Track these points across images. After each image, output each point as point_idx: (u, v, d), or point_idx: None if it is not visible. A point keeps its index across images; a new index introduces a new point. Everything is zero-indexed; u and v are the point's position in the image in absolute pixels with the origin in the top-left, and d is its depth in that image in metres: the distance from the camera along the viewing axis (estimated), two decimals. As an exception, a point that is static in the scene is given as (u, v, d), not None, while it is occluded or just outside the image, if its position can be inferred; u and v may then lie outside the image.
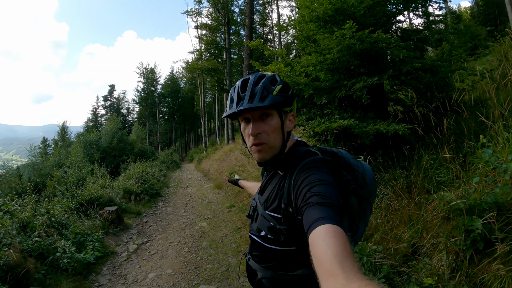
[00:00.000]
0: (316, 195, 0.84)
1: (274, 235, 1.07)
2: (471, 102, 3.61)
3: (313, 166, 0.98)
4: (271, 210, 1.09)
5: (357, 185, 1.10)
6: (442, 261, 2.33)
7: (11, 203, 4.83)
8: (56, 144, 28.42)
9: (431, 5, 4.78)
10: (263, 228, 1.11)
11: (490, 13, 27.04)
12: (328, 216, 0.75)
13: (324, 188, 0.86)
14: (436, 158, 3.36)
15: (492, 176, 2.47)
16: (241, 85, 1.11)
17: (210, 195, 9.43)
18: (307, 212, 0.81)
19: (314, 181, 0.90)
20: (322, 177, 0.91)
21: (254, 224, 1.19)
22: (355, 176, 1.10)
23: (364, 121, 3.61)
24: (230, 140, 21.15)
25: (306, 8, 4.42)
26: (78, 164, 13.29)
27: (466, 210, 2.30)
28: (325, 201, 0.81)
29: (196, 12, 28.05)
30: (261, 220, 1.13)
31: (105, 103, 52.81)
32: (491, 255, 2.08)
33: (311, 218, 0.77)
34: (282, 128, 1.10)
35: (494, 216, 2.14)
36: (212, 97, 38.46)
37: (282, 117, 1.10)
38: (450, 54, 4.25)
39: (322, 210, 0.78)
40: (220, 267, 4.20)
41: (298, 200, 0.91)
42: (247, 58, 15.59)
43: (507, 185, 2.15)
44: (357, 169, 1.13)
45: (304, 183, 0.92)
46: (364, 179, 1.13)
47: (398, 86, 4.67)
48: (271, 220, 1.08)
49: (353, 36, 3.63)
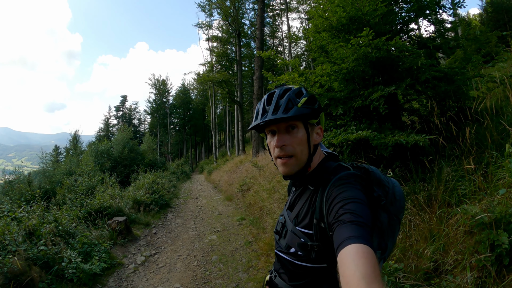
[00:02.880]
0: (348, 213, 0.83)
1: (305, 252, 1.03)
2: (491, 110, 3.43)
3: (346, 182, 0.96)
4: (302, 226, 1.06)
5: (387, 201, 1.09)
6: (467, 278, 2.17)
7: (18, 210, 4.78)
8: (67, 152, 28.75)
9: (445, 11, 4.69)
10: (293, 244, 1.08)
11: (500, 19, 26.73)
12: (359, 236, 0.74)
13: (357, 206, 0.85)
14: (457, 169, 3.18)
15: None
16: (267, 98, 1.11)
17: (220, 207, 9.29)
18: (338, 229, 0.80)
19: (347, 198, 0.88)
20: (355, 194, 0.90)
21: (283, 240, 1.15)
22: (385, 192, 1.10)
23: (382, 132, 3.46)
24: (241, 151, 21.08)
25: (319, 17, 4.36)
26: (89, 172, 13.32)
27: (491, 224, 2.15)
28: (357, 220, 0.80)
29: (207, 25, 28.51)
30: (290, 237, 1.10)
31: (117, 113, 53.55)
32: None
33: (341, 236, 0.77)
34: (308, 141, 1.08)
35: None
36: (223, 108, 38.67)
37: (308, 130, 1.08)
38: (466, 61, 4.12)
39: (353, 228, 0.77)
40: (230, 282, 4.04)
41: (330, 216, 0.90)
42: (258, 70, 15.61)
43: None
44: (387, 185, 1.12)
45: (337, 199, 0.90)
46: (394, 195, 1.12)
47: (412, 96, 4.54)
48: (302, 236, 1.04)
49: (369, 44, 3.52)
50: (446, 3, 4.63)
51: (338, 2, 3.99)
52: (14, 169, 14.57)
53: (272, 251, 4.44)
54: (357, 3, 3.75)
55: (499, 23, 26.74)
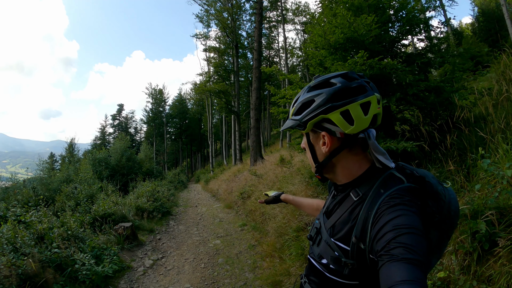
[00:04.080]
0: (402, 248, 0.71)
1: (337, 266, 0.94)
2: (472, 119, 3.84)
3: (400, 203, 0.82)
4: (338, 239, 0.95)
5: (441, 217, 0.93)
6: (452, 261, 2.50)
7: (28, 214, 4.94)
8: (63, 160, 28.68)
9: (433, 30, 5.15)
10: (325, 256, 0.99)
11: (491, 28, 27.50)
12: (414, 281, 0.65)
13: (413, 240, 0.72)
14: (442, 171, 3.54)
15: (492, 183, 2.65)
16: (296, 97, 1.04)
17: (221, 215, 9.47)
18: (389, 266, 0.70)
19: (401, 226, 0.76)
20: (411, 222, 0.77)
21: (316, 248, 1.06)
22: (440, 208, 0.93)
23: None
24: (238, 161, 21.22)
25: (319, 37, 4.70)
26: (88, 180, 13.41)
27: (471, 215, 2.45)
28: (413, 257, 0.69)
29: (204, 36, 29.06)
30: (324, 247, 1.00)
31: (114, 122, 53.53)
32: (497, 255, 2.22)
33: (393, 277, 0.67)
34: (312, 151, 1.03)
35: (494, 214, 2.31)
36: (219, 118, 38.99)
37: (309, 139, 1.03)
38: (452, 75, 4.49)
39: (408, 269, 0.67)
40: (238, 281, 4.24)
41: (377, 244, 0.78)
42: (256, 81, 15.94)
43: (505, 190, 2.32)
44: (443, 198, 0.95)
45: (389, 226, 0.78)
46: (449, 210, 0.95)
47: (404, 106, 4.91)
48: (337, 250, 0.94)
49: (364, 63, 3.87)
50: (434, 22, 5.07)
51: (336, 24, 4.35)
52: (10, 176, 14.56)
53: (276, 252, 4.64)
54: (354, 26, 4.11)
55: (491, 32, 27.50)
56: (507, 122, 3.36)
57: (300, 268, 3.86)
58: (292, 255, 4.29)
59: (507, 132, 3.18)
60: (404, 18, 4.79)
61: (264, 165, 12.32)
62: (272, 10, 30.40)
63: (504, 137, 3.14)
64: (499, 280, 2.10)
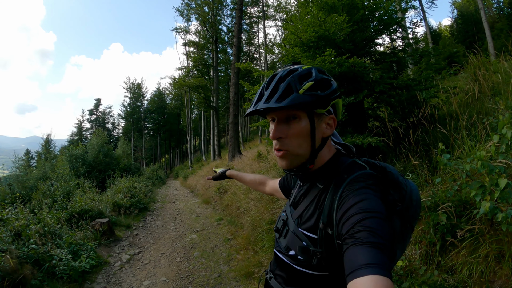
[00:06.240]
0: (366, 231, 0.70)
1: (305, 257, 0.93)
2: (436, 116, 4.12)
3: (364, 187, 0.84)
4: (306, 229, 0.95)
5: (403, 206, 0.94)
6: (414, 251, 2.72)
7: (4, 211, 4.95)
8: (39, 157, 27.88)
9: (409, 29, 5.49)
10: (293, 247, 0.98)
11: (469, 30, 28.69)
12: (378, 264, 0.64)
13: (377, 223, 0.72)
14: (406, 165, 3.81)
15: (451, 176, 2.89)
16: (267, 81, 0.96)
17: (198, 210, 9.62)
18: (354, 250, 0.69)
19: (366, 210, 0.76)
20: (375, 206, 0.77)
21: (283, 240, 1.04)
22: (402, 196, 0.95)
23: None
24: (217, 156, 21.33)
25: (292, 34, 4.90)
26: (65, 177, 13.21)
27: (433, 207, 2.68)
28: (377, 241, 0.68)
29: (184, 30, 28.80)
30: (291, 238, 0.99)
31: (91, 117, 52.31)
32: (459, 246, 2.44)
33: (357, 261, 0.66)
34: (312, 134, 0.94)
35: (451, 206, 2.55)
36: (198, 113, 38.79)
37: (313, 120, 0.93)
38: (420, 74, 4.80)
39: (372, 253, 0.66)
40: (213, 273, 4.44)
41: (343, 227, 0.78)
42: (235, 76, 16.11)
43: (465, 184, 2.50)
44: (405, 188, 0.97)
45: (354, 209, 0.78)
46: (411, 199, 0.97)
47: (379, 104, 5.15)
48: (304, 239, 0.94)
49: (332, 61, 4.09)
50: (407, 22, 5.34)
51: (308, 22, 4.54)
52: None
53: (250, 245, 4.87)
54: (325, 25, 4.30)
55: (468, 34, 28.65)
56: (471, 119, 3.63)
57: (272, 259, 4.08)
58: (265, 247, 4.52)
59: (471, 129, 3.47)
60: (376, 17, 5.03)
61: (242, 160, 12.53)
62: (254, 5, 30.31)
63: (468, 134, 3.41)
64: (462, 270, 2.30)
